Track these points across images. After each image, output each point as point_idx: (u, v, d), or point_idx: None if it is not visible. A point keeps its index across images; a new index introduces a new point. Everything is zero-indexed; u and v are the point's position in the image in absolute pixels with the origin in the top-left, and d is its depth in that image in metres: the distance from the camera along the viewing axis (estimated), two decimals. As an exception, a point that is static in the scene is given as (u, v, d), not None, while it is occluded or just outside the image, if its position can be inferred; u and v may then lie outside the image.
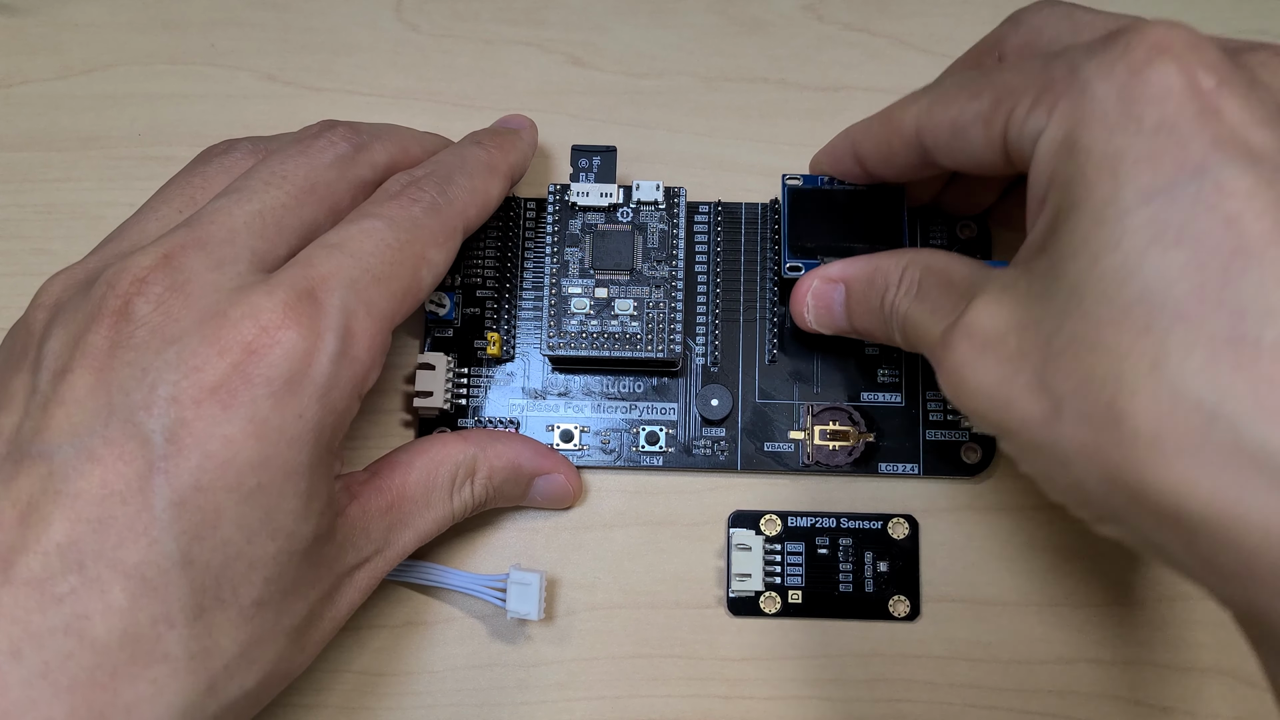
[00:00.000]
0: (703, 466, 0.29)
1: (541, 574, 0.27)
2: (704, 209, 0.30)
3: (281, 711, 0.27)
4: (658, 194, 0.28)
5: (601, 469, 0.29)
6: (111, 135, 0.31)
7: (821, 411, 0.29)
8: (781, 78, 0.32)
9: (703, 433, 0.29)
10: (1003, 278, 0.20)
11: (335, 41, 0.32)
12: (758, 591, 0.27)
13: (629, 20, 0.32)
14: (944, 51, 0.32)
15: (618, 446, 0.29)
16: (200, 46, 0.32)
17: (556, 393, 0.29)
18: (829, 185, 0.27)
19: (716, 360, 0.29)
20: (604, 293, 0.27)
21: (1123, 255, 0.17)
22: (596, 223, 0.28)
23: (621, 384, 0.29)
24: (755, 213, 0.30)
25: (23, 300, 0.30)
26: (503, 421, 0.29)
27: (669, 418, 0.29)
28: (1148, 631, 0.27)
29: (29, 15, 0.32)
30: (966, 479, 0.28)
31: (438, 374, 0.28)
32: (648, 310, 0.27)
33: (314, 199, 0.23)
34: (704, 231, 0.30)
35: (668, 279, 0.27)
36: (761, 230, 0.30)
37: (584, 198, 0.28)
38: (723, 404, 0.28)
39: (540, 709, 0.27)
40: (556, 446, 0.28)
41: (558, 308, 0.27)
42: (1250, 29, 0.31)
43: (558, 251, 0.28)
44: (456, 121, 0.31)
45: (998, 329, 0.19)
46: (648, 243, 0.28)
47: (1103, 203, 0.18)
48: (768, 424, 0.29)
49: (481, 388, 0.29)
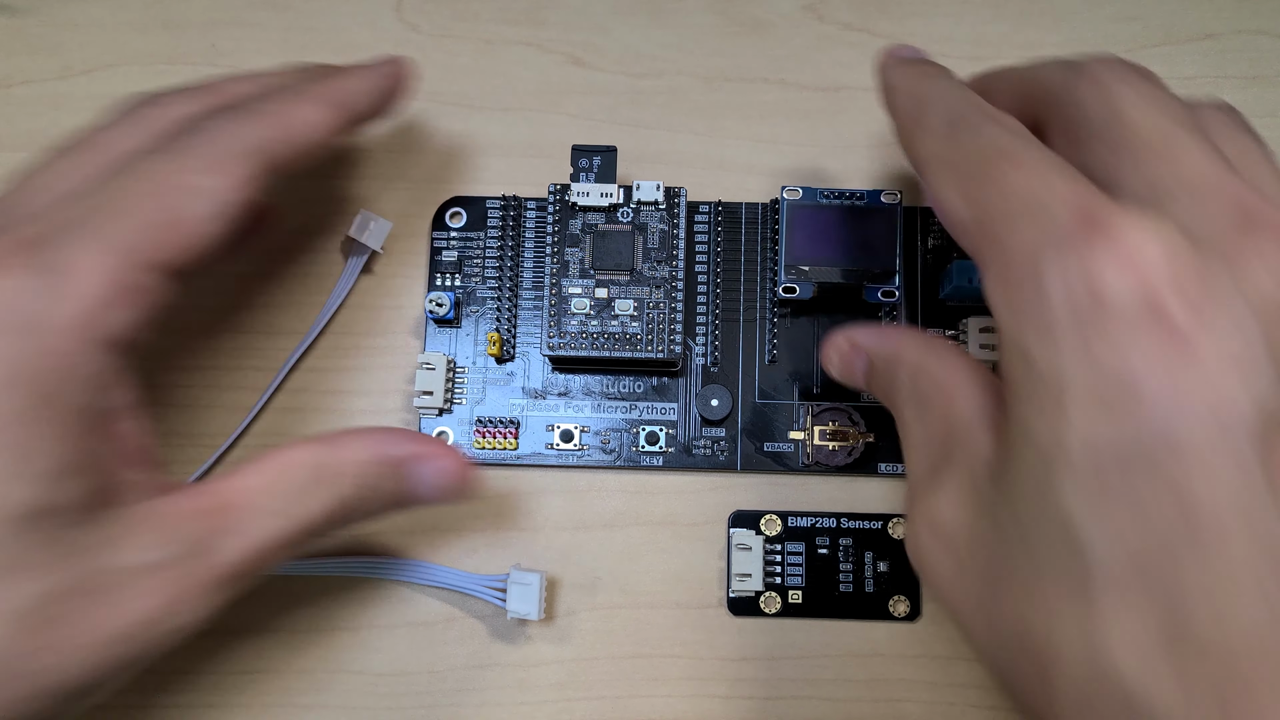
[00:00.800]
0: (703, 466, 0.29)
1: (542, 574, 0.27)
2: (704, 209, 0.30)
3: (281, 711, 0.27)
4: (658, 194, 0.28)
5: (601, 469, 0.29)
6: (111, 135, 0.31)
7: (821, 412, 0.29)
8: (781, 78, 0.32)
9: (703, 433, 0.29)
10: (974, 469, 0.19)
11: (335, 41, 0.32)
12: (758, 591, 0.27)
13: (629, 20, 0.32)
14: (944, 51, 0.31)
15: (618, 446, 0.29)
16: (200, 46, 0.32)
17: (556, 393, 0.29)
18: (827, 200, 0.28)
19: (716, 360, 0.29)
20: (604, 293, 0.27)
21: (1065, 510, 0.16)
22: (597, 223, 0.28)
23: (621, 384, 0.29)
24: (755, 213, 0.30)
25: (23, 300, 0.30)
26: (503, 421, 0.29)
27: (669, 418, 0.29)
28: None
29: (29, 15, 0.32)
30: None
31: (437, 374, 0.28)
32: (648, 310, 0.27)
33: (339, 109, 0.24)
34: (704, 231, 0.30)
35: (668, 279, 0.27)
36: (761, 231, 0.30)
37: (584, 198, 0.28)
38: (722, 404, 0.28)
39: (540, 709, 0.27)
40: (557, 446, 0.28)
41: (558, 308, 0.27)
42: (1250, 29, 0.32)
43: (558, 251, 0.28)
44: (456, 122, 0.31)
45: (955, 530, 0.19)
46: (648, 243, 0.28)
47: (1049, 443, 0.16)
48: (767, 424, 0.29)
49: (481, 388, 0.29)
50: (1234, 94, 0.31)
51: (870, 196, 0.28)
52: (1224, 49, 0.31)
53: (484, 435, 0.29)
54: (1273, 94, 0.31)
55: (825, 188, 0.28)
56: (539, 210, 0.30)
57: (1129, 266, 0.15)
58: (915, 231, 0.30)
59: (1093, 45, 0.31)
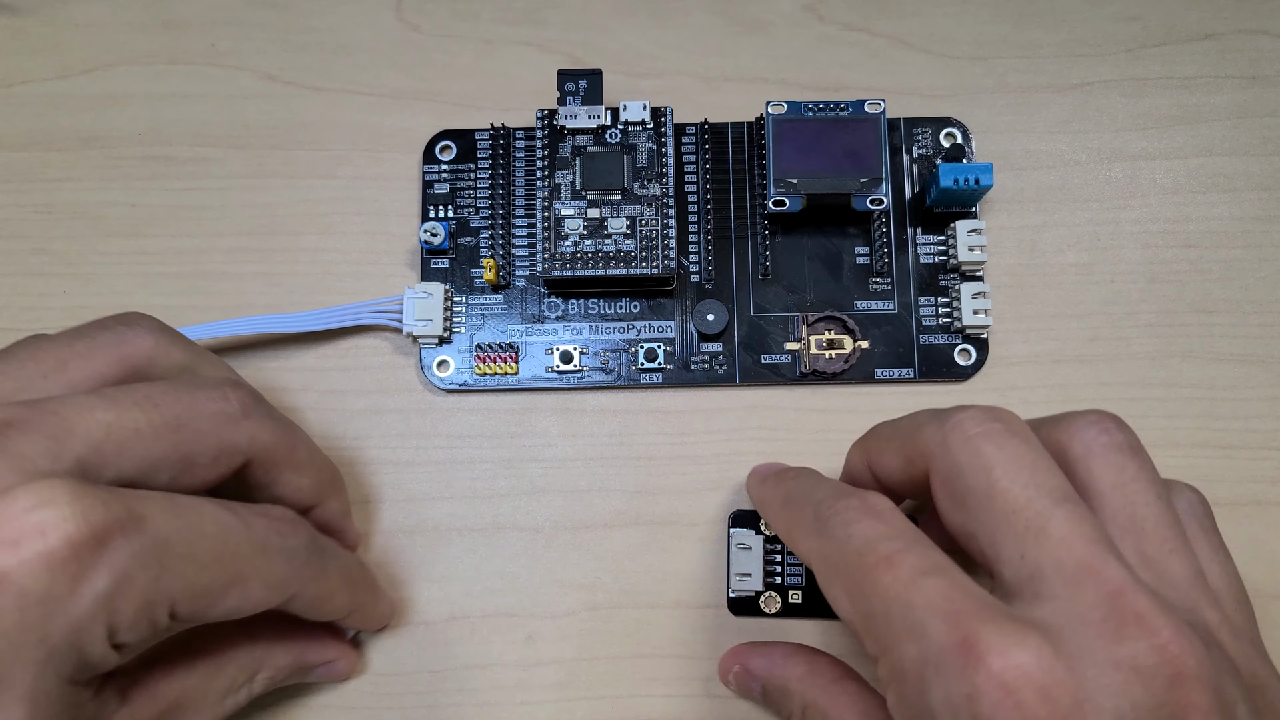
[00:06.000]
0: (702, 382, 0.29)
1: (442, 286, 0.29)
2: (690, 130, 0.30)
3: (282, 711, 0.27)
4: (645, 114, 0.28)
5: (603, 389, 0.29)
6: (111, 135, 0.31)
7: (816, 321, 0.29)
8: (781, 78, 0.32)
9: (700, 348, 0.29)
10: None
11: (335, 41, 0.32)
12: (758, 591, 0.27)
13: (629, 20, 0.32)
14: (944, 51, 0.32)
15: (617, 366, 0.29)
16: (200, 46, 0.32)
17: (554, 316, 0.30)
18: (811, 113, 0.28)
19: (710, 277, 0.30)
20: (596, 213, 0.28)
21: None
22: (586, 145, 0.28)
23: (618, 305, 0.30)
24: (742, 131, 0.31)
25: (23, 300, 0.30)
26: (503, 347, 0.29)
27: (666, 335, 0.29)
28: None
29: (29, 15, 0.32)
30: (959, 381, 0.29)
31: (434, 301, 0.29)
32: (640, 228, 0.28)
33: (172, 439, 0.21)
34: (691, 152, 0.30)
35: (659, 196, 0.28)
36: (749, 149, 0.30)
37: (572, 120, 0.28)
38: (719, 318, 0.29)
39: (540, 709, 0.27)
40: (557, 369, 0.29)
41: (551, 230, 0.28)
42: (1250, 29, 0.32)
43: (549, 175, 0.28)
44: (456, 121, 0.31)
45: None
46: (637, 162, 0.28)
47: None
48: (764, 336, 0.29)
49: (479, 316, 0.29)
50: (1234, 94, 0.31)
51: (854, 107, 0.28)
52: (1224, 49, 0.31)
53: (484, 361, 0.29)
54: (1273, 94, 0.31)
55: (809, 100, 0.29)
56: (528, 139, 0.30)
57: (1003, 692, 0.16)
58: (900, 139, 0.30)
59: (1093, 45, 0.32)
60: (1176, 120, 0.31)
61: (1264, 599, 0.27)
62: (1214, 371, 0.29)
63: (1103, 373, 0.29)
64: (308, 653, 0.26)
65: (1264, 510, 0.28)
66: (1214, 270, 0.30)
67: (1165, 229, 0.30)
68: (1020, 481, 0.19)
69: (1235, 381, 0.29)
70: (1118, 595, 0.17)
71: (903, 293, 0.29)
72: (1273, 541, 0.28)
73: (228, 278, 0.30)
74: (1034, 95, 0.31)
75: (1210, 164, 0.31)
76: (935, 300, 0.29)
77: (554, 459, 0.29)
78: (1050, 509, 0.18)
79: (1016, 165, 0.31)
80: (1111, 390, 0.29)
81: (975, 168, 0.28)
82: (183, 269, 0.30)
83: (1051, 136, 0.31)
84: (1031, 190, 0.31)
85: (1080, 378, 0.29)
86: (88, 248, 0.31)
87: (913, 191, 0.30)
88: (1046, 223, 0.30)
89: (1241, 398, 0.29)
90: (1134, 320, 0.30)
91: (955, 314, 0.29)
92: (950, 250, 0.29)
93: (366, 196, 0.31)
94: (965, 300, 0.29)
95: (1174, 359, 0.29)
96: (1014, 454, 0.19)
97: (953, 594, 0.18)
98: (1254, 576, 0.28)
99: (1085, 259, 0.30)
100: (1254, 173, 0.31)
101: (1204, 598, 0.19)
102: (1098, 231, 0.30)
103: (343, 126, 0.31)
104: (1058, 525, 0.18)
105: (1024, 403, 0.29)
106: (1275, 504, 0.28)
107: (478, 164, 0.30)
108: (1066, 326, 0.30)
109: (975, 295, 0.29)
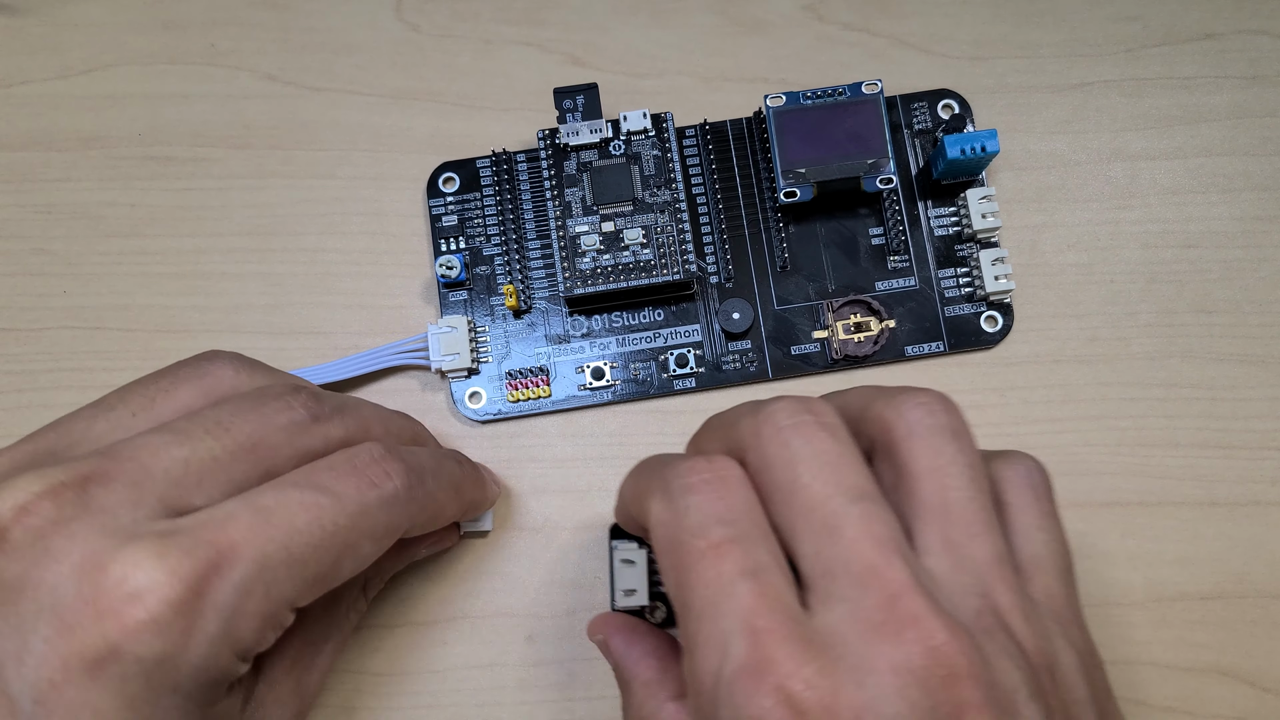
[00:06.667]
0: (735, 380, 0.29)
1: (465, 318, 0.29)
2: (691, 132, 0.31)
3: (281, 711, 0.27)
4: (645, 121, 0.28)
5: (637, 400, 0.29)
6: (111, 135, 0.31)
7: (841, 306, 0.29)
8: (781, 78, 0.32)
9: (729, 347, 0.29)
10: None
11: (335, 41, 0.32)
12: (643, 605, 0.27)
13: (629, 20, 0.32)
14: (944, 51, 0.32)
15: (649, 376, 0.29)
16: (200, 46, 0.32)
17: (580, 334, 0.29)
18: (810, 101, 0.28)
19: (730, 276, 0.30)
20: (610, 226, 0.28)
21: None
22: (591, 160, 0.28)
23: (641, 315, 0.29)
24: (741, 127, 0.31)
25: (23, 300, 0.30)
26: (533, 371, 0.29)
27: (694, 339, 0.29)
28: (1148, 631, 0.27)
29: (29, 15, 0.32)
30: (989, 348, 0.29)
31: (459, 335, 0.29)
32: (656, 235, 0.28)
33: (251, 458, 0.21)
34: (694, 154, 0.30)
35: (670, 202, 0.28)
36: (750, 145, 0.30)
37: (574, 137, 0.28)
38: (744, 316, 0.29)
39: (540, 709, 0.27)
40: (589, 386, 0.29)
41: (568, 248, 0.28)
42: (1250, 29, 0.32)
43: (558, 194, 0.28)
44: (456, 121, 0.31)
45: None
46: (644, 170, 0.28)
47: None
48: (790, 328, 0.29)
49: (505, 343, 0.29)
50: (1234, 94, 0.31)
51: (852, 90, 0.28)
52: (1224, 49, 0.31)
53: (516, 388, 0.29)
54: (1273, 94, 0.31)
55: (806, 89, 0.29)
56: (530, 161, 0.30)
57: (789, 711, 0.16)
58: (899, 116, 0.31)
59: (1093, 45, 0.32)
60: (1176, 120, 0.31)
61: (1264, 599, 0.28)
62: (1214, 371, 0.29)
63: (1103, 373, 0.29)
64: (409, 545, 0.26)
65: (1264, 510, 0.28)
66: (1214, 270, 0.30)
67: (1165, 229, 0.30)
68: (821, 478, 0.18)
69: (1235, 381, 0.29)
70: (896, 598, 0.17)
71: (922, 268, 0.30)
72: (1273, 541, 0.28)
73: (228, 278, 0.30)
74: (1034, 95, 0.31)
75: (1210, 164, 0.31)
76: (955, 271, 0.30)
77: (554, 459, 0.29)
78: (845, 507, 0.18)
79: (1016, 165, 0.31)
80: (1111, 390, 0.29)
81: (980, 135, 0.28)
82: (183, 269, 0.30)
83: (1051, 136, 0.31)
84: (1031, 190, 0.31)
85: (1080, 378, 0.29)
86: (88, 248, 0.31)
87: (918, 167, 0.30)
88: (1046, 223, 0.30)
89: (1241, 398, 0.29)
90: (1134, 320, 0.30)
91: (977, 282, 0.29)
92: (964, 220, 0.29)
93: (366, 196, 0.31)
94: (985, 267, 0.29)
95: (1174, 359, 0.29)
96: (819, 449, 0.19)
97: (759, 607, 0.17)
98: (1254, 576, 0.28)
99: (1085, 259, 0.30)
100: (1254, 173, 0.31)
101: (1002, 581, 0.18)
102: (1098, 231, 0.30)
103: (343, 126, 0.31)
104: (850, 524, 0.18)
105: (1024, 403, 0.29)
106: (1275, 504, 0.28)
107: (483, 192, 0.30)
108: (1066, 326, 0.30)
109: (995, 261, 0.29)
